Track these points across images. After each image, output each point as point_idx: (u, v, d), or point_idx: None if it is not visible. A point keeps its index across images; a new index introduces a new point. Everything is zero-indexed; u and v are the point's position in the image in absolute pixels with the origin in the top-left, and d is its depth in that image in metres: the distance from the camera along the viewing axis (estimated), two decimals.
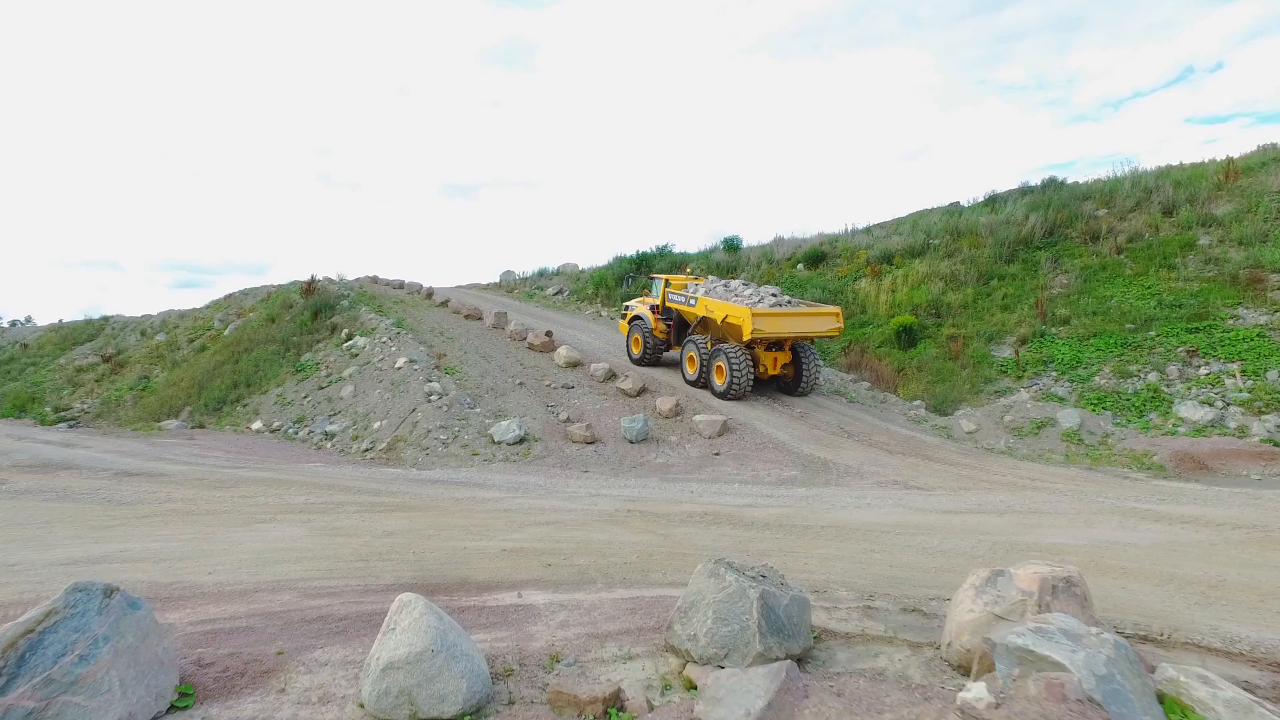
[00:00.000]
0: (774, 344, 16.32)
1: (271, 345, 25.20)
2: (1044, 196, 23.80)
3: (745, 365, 15.75)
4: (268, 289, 34.95)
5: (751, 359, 16.03)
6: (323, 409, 18.83)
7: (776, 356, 16.65)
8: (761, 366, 16.43)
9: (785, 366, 16.82)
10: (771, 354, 16.58)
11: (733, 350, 15.82)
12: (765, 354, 16.48)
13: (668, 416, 15.25)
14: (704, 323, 17.29)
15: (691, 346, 17.34)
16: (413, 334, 21.92)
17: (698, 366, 17.00)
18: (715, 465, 12.17)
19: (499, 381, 17.70)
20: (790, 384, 17.09)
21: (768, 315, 15.29)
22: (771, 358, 16.60)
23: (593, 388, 17.43)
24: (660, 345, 19.13)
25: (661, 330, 19.05)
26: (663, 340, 19.10)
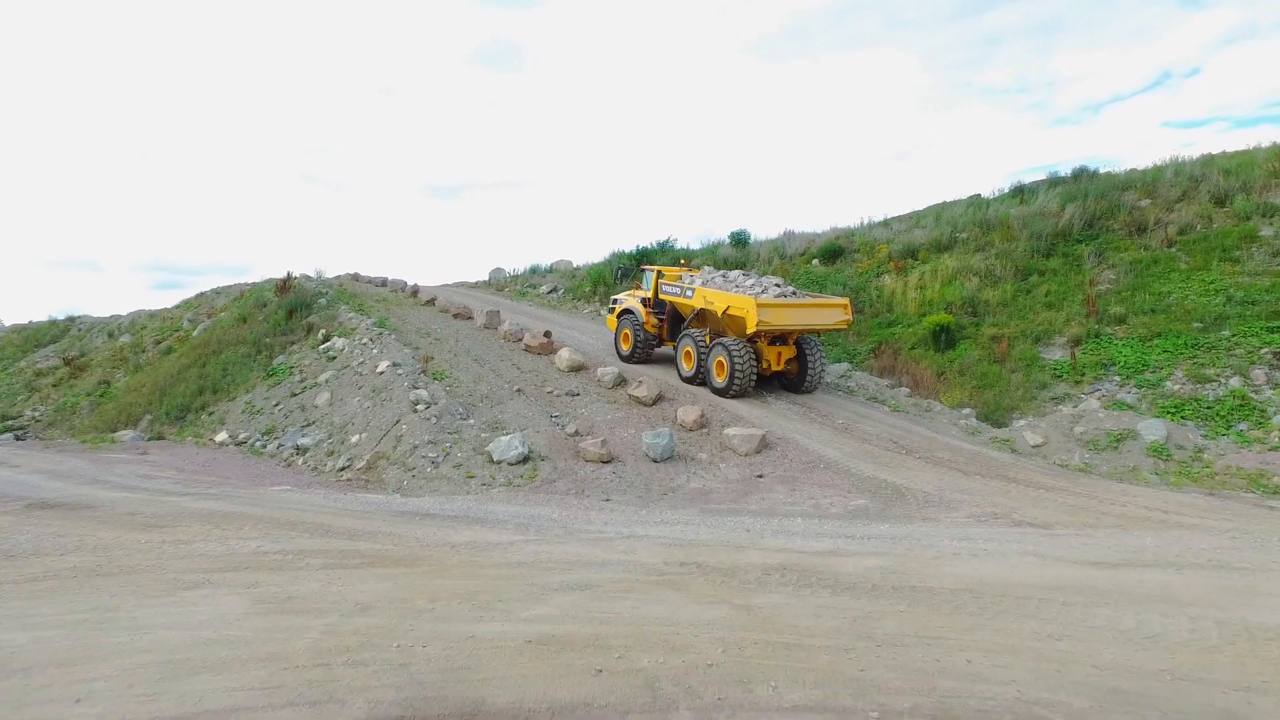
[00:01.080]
0: (778, 338, 14.90)
1: (242, 347, 22.78)
2: (1077, 187, 21.87)
3: (748, 360, 14.25)
4: (241, 287, 32.40)
5: (754, 353, 14.52)
6: (295, 419, 16.50)
7: (780, 351, 15.09)
8: (764, 362, 14.94)
9: (789, 362, 15.34)
10: (775, 348, 15.02)
11: (734, 344, 14.29)
12: (769, 348, 14.95)
13: (692, 429, 13.07)
14: (701, 315, 15.74)
15: (688, 341, 15.70)
16: (396, 335, 19.59)
17: (694, 362, 15.42)
18: (763, 491, 10.01)
19: (494, 388, 15.44)
20: (794, 380, 15.56)
21: (774, 306, 13.81)
22: (775, 352, 15.03)
23: (601, 395, 15.21)
24: (652, 341, 17.52)
25: (653, 325, 17.45)
26: (654, 335, 17.51)
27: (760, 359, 14.90)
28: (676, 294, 16.49)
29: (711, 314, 15.14)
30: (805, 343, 15.34)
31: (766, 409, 14.19)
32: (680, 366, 16.01)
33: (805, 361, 15.29)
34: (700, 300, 15.45)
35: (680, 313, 16.87)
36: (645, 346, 17.51)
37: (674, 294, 16.60)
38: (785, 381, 15.82)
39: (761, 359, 14.95)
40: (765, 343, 14.91)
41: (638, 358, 17.59)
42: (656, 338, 17.60)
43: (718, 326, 15.34)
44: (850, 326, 20.10)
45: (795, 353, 15.36)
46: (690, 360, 15.62)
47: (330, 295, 25.60)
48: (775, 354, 15.09)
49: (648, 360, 17.75)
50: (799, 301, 14.76)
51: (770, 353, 15.05)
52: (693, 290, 15.80)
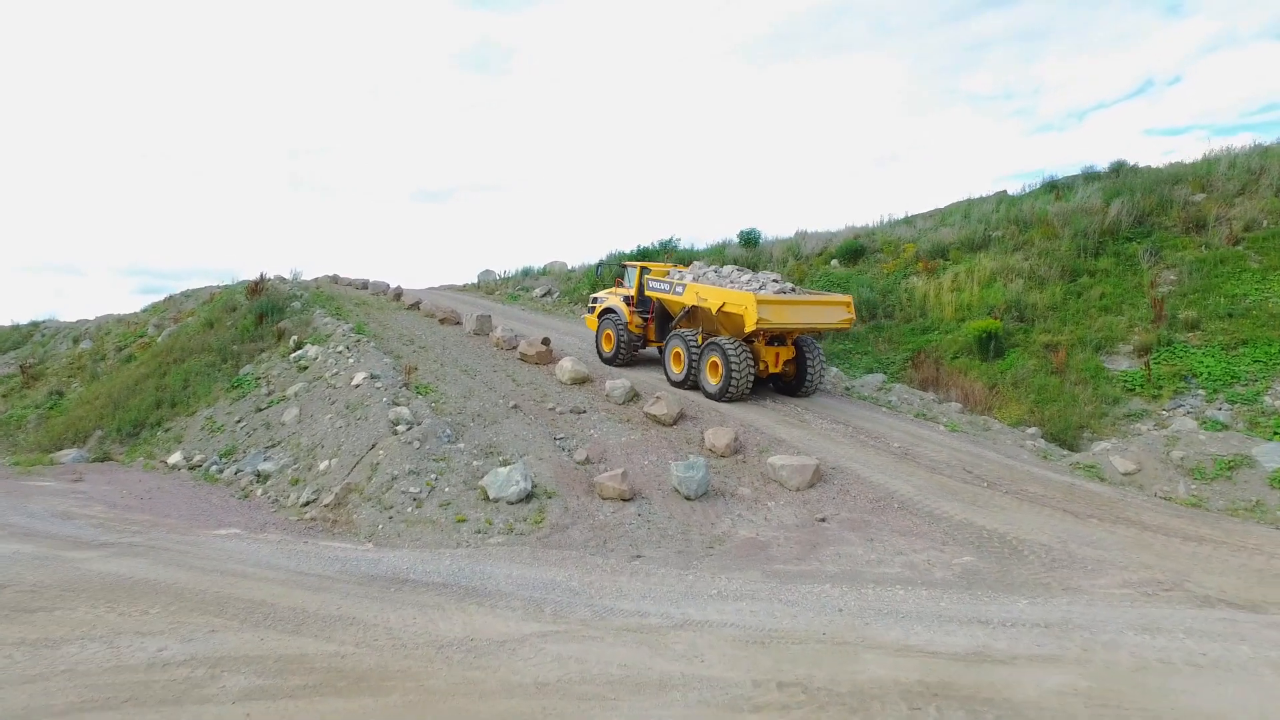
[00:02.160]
0: (776, 338, 13.57)
1: (207, 355, 20.34)
2: (1119, 181, 19.90)
3: (746, 361, 12.92)
4: (212, 290, 29.83)
5: (751, 354, 13.20)
6: (259, 438, 14.15)
7: (779, 352, 13.69)
8: (761, 363, 13.54)
9: (787, 364, 13.93)
10: (773, 349, 13.62)
11: (731, 344, 12.94)
12: (766, 349, 13.54)
13: (725, 455, 10.85)
14: (692, 314, 14.27)
15: (677, 341, 14.24)
16: (376, 342, 17.24)
17: (685, 364, 14.02)
18: (833, 542, 7.79)
19: (487, 404, 13.14)
20: (792, 384, 14.16)
21: (774, 303, 12.54)
22: (773, 353, 13.63)
23: (611, 413, 12.96)
24: (636, 341, 16.01)
25: (637, 324, 15.96)
26: (638, 336, 16.02)
27: (757, 360, 13.46)
28: (665, 291, 14.87)
29: (704, 312, 13.63)
30: (804, 343, 13.94)
31: (806, 429, 11.99)
32: (669, 369, 14.50)
33: (804, 363, 13.89)
34: (692, 297, 13.90)
35: (668, 311, 15.29)
36: (629, 348, 15.95)
37: (662, 291, 14.99)
38: (781, 385, 14.37)
39: (758, 360, 13.49)
40: (763, 343, 13.47)
41: (620, 360, 16.03)
42: (641, 338, 16.08)
43: (711, 325, 13.82)
44: (880, 332, 18.10)
45: (794, 354, 13.95)
46: (680, 362, 14.15)
47: (305, 298, 23.18)
48: (773, 355, 13.66)
49: (631, 363, 16.19)
50: (800, 299, 13.43)
51: (768, 353, 13.59)
52: (683, 286, 14.23)
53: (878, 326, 18.13)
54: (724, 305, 12.96)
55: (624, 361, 16.04)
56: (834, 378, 16.39)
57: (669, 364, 14.54)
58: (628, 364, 16.10)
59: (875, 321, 18.35)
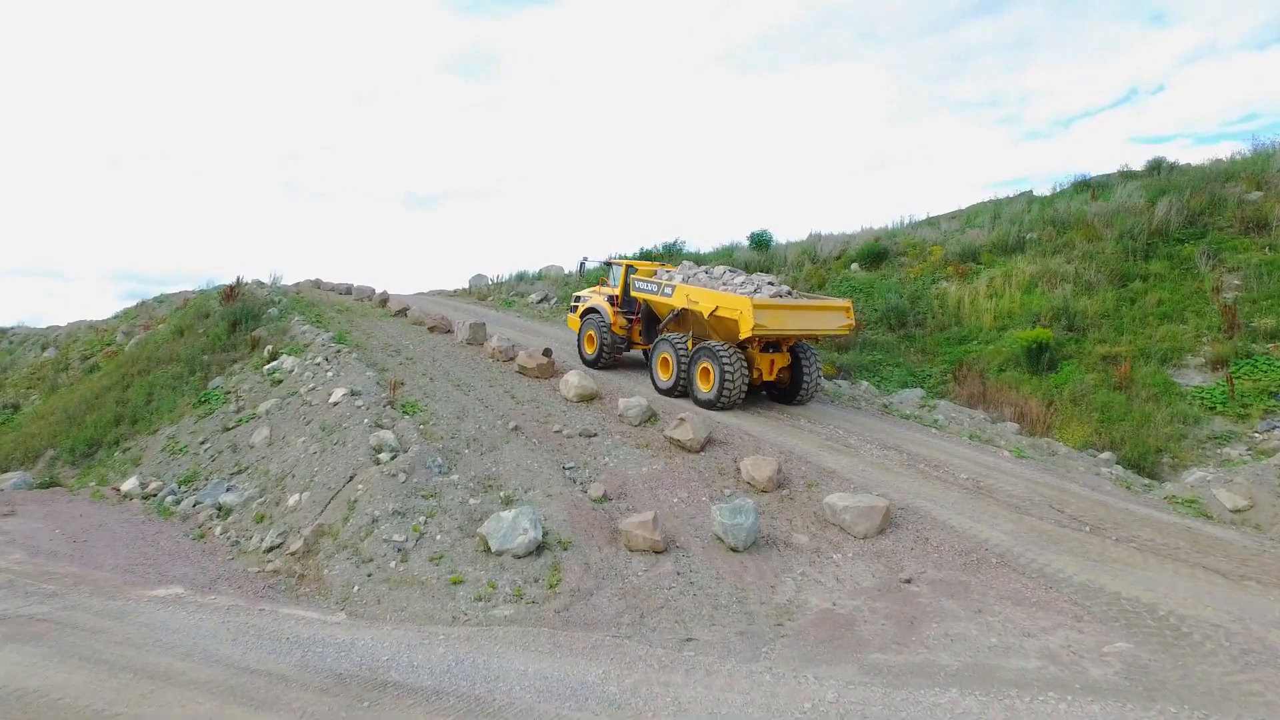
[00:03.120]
0: (771, 344, 12.54)
1: (174, 366, 18.43)
2: (1162, 179, 18.37)
3: (740, 368, 11.93)
4: (187, 295, 27.79)
5: (746, 361, 12.22)
6: (223, 463, 12.28)
7: (774, 359, 12.69)
8: (756, 371, 12.53)
9: (782, 371, 12.92)
10: (768, 356, 12.62)
11: (724, 350, 11.94)
12: (761, 356, 12.55)
13: (767, 490, 9.09)
14: (681, 317, 13.22)
15: (666, 346, 13.14)
16: (358, 353, 15.38)
17: (673, 370, 12.90)
18: (936, 617, 6.03)
19: (484, 426, 11.33)
20: (786, 392, 13.07)
21: (772, 308, 11.57)
22: (768, 360, 12.64)
23: (626, 436, 11.18)
24: (620, 344, 15.01)
25: (622, 326, 14.93)
26: (622, 338, 15.01)
27: (751, 367, 12.41)
28: (652, 292, 13.69)
29: (695, 315, 12.57)
30: (801, 350, 12.87)
31: (855, 457, 10.25)
32: (656, 375, 13.37)
33: (800, 371, 12.81)
34: (682, 299, 12.80)
35: (655, 313, 14.15)
36: (612, 350, 14.94)
37: (649, 292, 13.82)
38: (775, 393, 13.26)
39: (752, 367, 12.44)
40: (757, 349, 12.41)
41: (603, 362, 15.00)
42: (625, 340, 15.05)
43: (702, 330, 12.75)
44: (911, 342, 16.43)
45: (790, 361, 12.90)
46: (668, 369, 13.04)
47: (283, 304, 21.26)
48: (768, 362, 12.63)
49: (614, 366, 15.19)
50: (799, 303, 12.39)
51: (762, 360, 12.56)
52: (672, 288, 13.11)
53: (908, 336, 16.46)
54: (717, 309, 11.87)
55: (607, 364, 15.00)
56: (864, 392, 14.70)
57: (655, 371, 13.37)
58: (610, 366, 15.08)
59: (905, 330, 16.68)
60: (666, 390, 13.02)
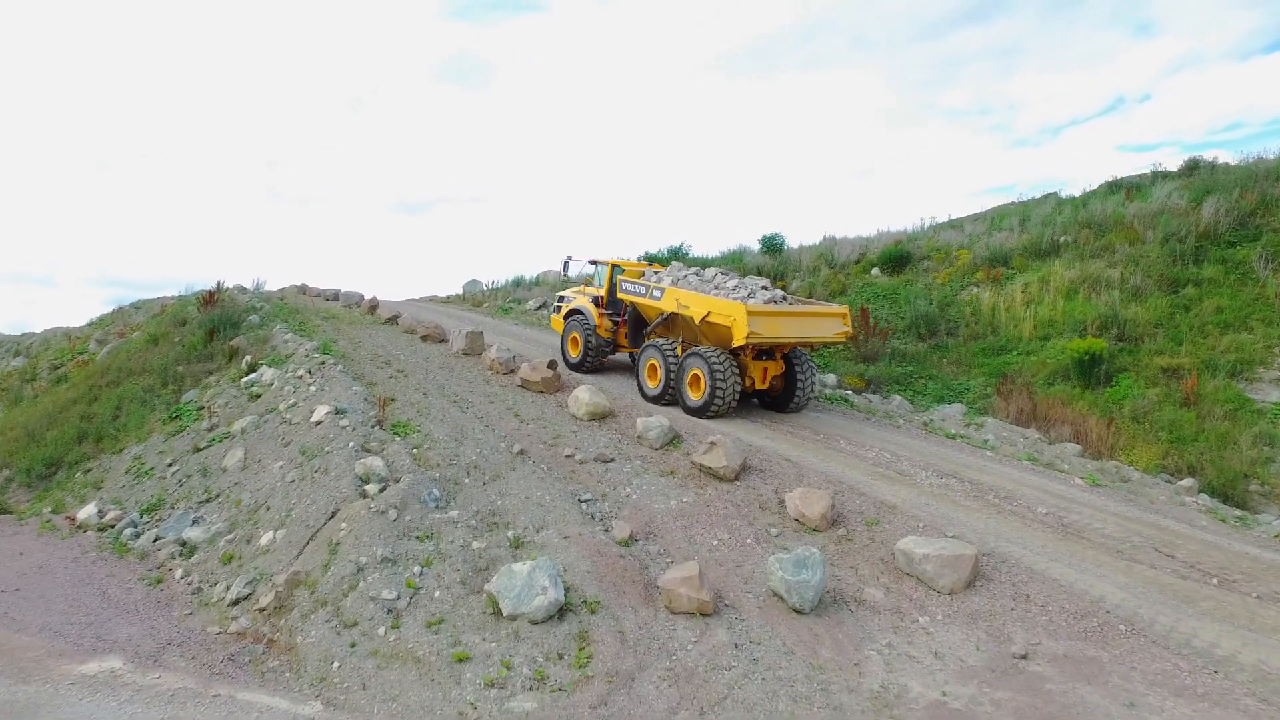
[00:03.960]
0: (765, 351, 11.86)
1: (146, 377, 16.94)
2: (1202, 179, 17.18)
3: (732, 376, 11.29)
4: (165, 300, 26.18)
5: (738, 368, 11.58)
6: (192, 489, 10.83)
7: (767, 367, 12.04)
8: (748, 378, 11.93)
9: (775, 379, 12.30)
10: (761, 363, 11.96)
11: (716, 357, 11.28)
12: (754, 363, 11.88)
13: (820, 528, 7.72)
14: (670, 321, 12.57)
15: (654, 351, 12.41)
16: (344, 364, 13.95)
17: (661, 378, 12.18)
18: (1079, 712, 4.69)
19: (485, 450, 9.91)
20: (778, 400, 12.44)
21: (766, 314, 10.94)
22: (761, 368, 11.98)
23: (648, 461, 9.80)
24: (605, 347, 14.45)
25: (607, 328, 14.37)
26: (607, 341, 14.44)
27: (744, 374, 11.82)
28: (640, 294, 13.00)
29: (684, 320, 11.94)
30: (795, 357, 12.26)
31: (914, 488, 8.90)
32: (642, 382, 12.64)
33: (795, 379, 12.20)
34: (671, 303, 12.17)
35: (643, 316, 13.49)
36: (597, 353, 14.36)
37: (636, 294, 13.12)
38: (767, 400, 12.64)
39: (744, 374, 11.85)
40: (749, 356, 11.73)
41: (587, 366, 14.43)
42: (610, 343, 14.51)
43: (691, 335, 12.12)
44: (943, 353, 15.13)
45: (783, 368, 12.26)
46: (656, 376, 12.32)
47: (265, 311, 19.77)
48: (761, 370, 11.98)
49: (599, 369, 14.60)
50: (795, 309, 11.85)
51: (755, 368, 11.91)
52: (661, 290, 12.46)
53: (940, 346, 15.16)
54: (709, 315, 11.20)
55: (591, 367, 14.40)
56: (898, 408, 13.39)
57: (643, 377, 12.61)
58: (595, 370, 14.46)
59: (936, 340, 15.38)
60: (654, 398, 12.30)
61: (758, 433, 11.01)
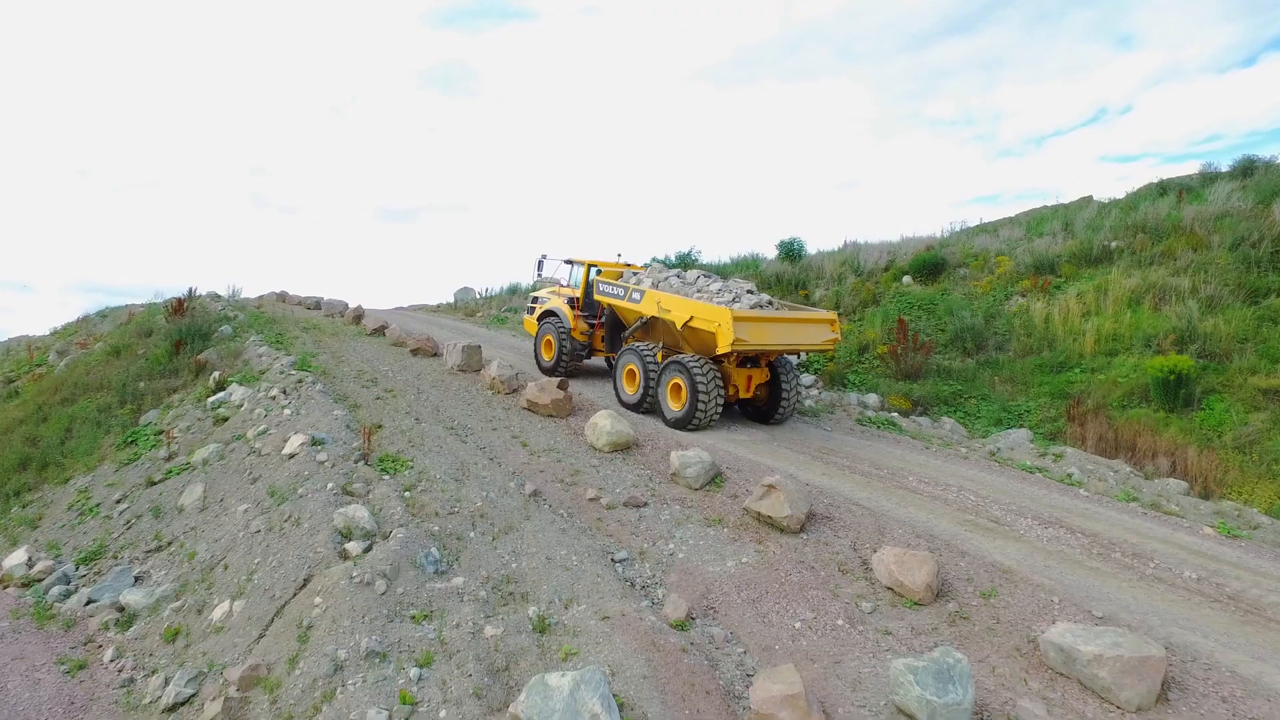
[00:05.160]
0: (750, 359, 11.11)
1: (103, 395, 15.08)
2: (1267, 179, 15.77)
3: (715, 386, 10.55)
4: (134, 308, 24.17)
5: (721, 376, 10.90)
6: (141, 533, 9.06)
7: (751, 375, 11.31)
8: (731, 387, 11.28)
9: (760, 388, 11.57)
10: (745, 371, 11.23)
11: (697, 365, 10.54)
12: (738, 371, 11.17)
13: (922, 602, 6.06)
14: (650, 325, 11.81)
15: (632, 356, 11.67)
16: (325, 382, 12.18)
17: (640, 385, 11.46)
18: None
19: (493, 492, 8.17)
20: (763, 410, 11.69)
21: (753, 320, 10.20)
22: (745, 376, 11.26)
23: (689, 506, 8.11)
24: (580, 350, 13.70)
25: (582, 331, 13.69)
26: (583, 344, 13.73)
27: (727, 383, 11.17)
28: (619, 296, 12.24)
29: (665, 324, 11.23)
30: (781, 365, 11.53)
31: (1020, 542, 7.24)
32: (620, 388, 11.94)
33: (780, 388, 11.45)
34: (651, 306, 11.44)
35: (621, 319, 12.70)
36: (571, 357, 13.61)
37: (614, 296, 12.35)
38: (750, 410, 11.89)
39: (728, 383, 11.18)
40: (733, 364, 11.03)
41: (562, 370, 13.65)
42: (586, 346, 13.79)
43: (673, 340, 11.43)
44: (994, 370, 13.51)
45: (768, 376, 11.53)
46: (635, 382, 11.63)
47: (239, 321, 17.92)
48: (745, 378, 11.25)
49: (574, 373, 13.94)
50: (782, 315, 10.97)
51: (739, 376, 11.18)
52: (641, 293, 11.72)
53: (989, 361, 13.57)
54: (691, 320, 10.48)
55: (565, 372, 13.61)
56: (951, 432, 11.80)
57: (620, 383, 11.91)
58: (569, 374, 13.70)
59: (985, 354, 13.80)
60: (633, 405, 11.59)
61: (810, 467, 9.33)
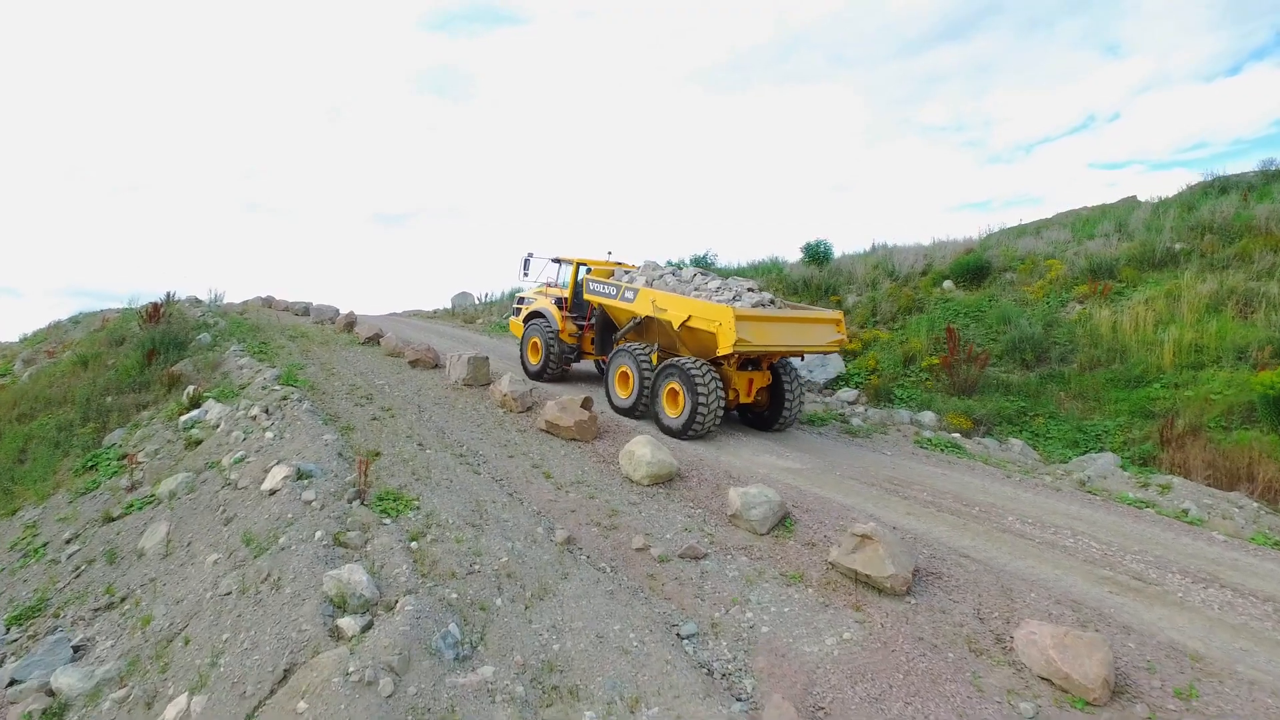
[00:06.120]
0: (751, 361, 10.45)
1: (66, 410, 13.53)
2: None
3: (716, 391, 9.75)
4: (106, 314, 22.45)
5: (721, 380, 10.13)
6: (89, 582, 7.52)
7: (753, 378, 10.62)
8: (731, 391, 10.55)
9: (761, 392, 10.83)
10: (746, 374, 10.55)
11: (696, 368, 9.78)
12: (738, 374, 10.47)
13: (1097, 701, 4.62)
14: (643, 326, 11.16)
15: (625, 359, 10.95)
16: (312, 399, 10.63)
17: (634, 389, 10.73)
18: None
19: (519, 541, 6.65)
20: (764, 416, 10.96)
21: (756, 320, 9.45)
22: (746, 379, 10.57)
23: (758, 557, 6.62)
24: (568, 353, 12.96)
25: (571, 333, 12.98)
26: (571, 347, 12.97)
27: (726, 387, 10.43)
28: (610, 295, 11.49)
29: (661, 325, 10.55)
30: (782, 368, 10.81)
31: (1179, 606, 5.81)
32: (612, 392, 11.17)
33: (782, 392, 10.69)
34: (645, 305, 10.72)
35: (612, 320, 12.02)
36: (560, 361, 12.89)
37: (606, 295, 11.59)
38: (749, 417, 11.18)
39: (728, 387, 10.44)
40: (734, 366, 10.34)
41: (550, 374, 12.95)
42: (575, 349, 13.05)
43: (669, 342, 10.79)
44: (1059, 384, 12.07)
45: (769, 380, 10.80)
46: (628, 386, 10.89)
47: (219, 328, 16.32)
48: (745, 382, 10.55)
49: (562, 378, 13.19)
50: (786, 314, 10.23)
51: (739, 380, 10.47)
52: (634, 292, 11.00)
53: (1053, 375, 12.18)
54: (690, 319, 9.79)
55: (554, 376, 12.98)
56: (1022, 456, 10.39)
57: (612, 386, 11.12)
58: (558, 379, 13.06)
59: (1048, 367, 12.40)
60: (626, 410, 10.85)
61: (888, 504, 7.86)
